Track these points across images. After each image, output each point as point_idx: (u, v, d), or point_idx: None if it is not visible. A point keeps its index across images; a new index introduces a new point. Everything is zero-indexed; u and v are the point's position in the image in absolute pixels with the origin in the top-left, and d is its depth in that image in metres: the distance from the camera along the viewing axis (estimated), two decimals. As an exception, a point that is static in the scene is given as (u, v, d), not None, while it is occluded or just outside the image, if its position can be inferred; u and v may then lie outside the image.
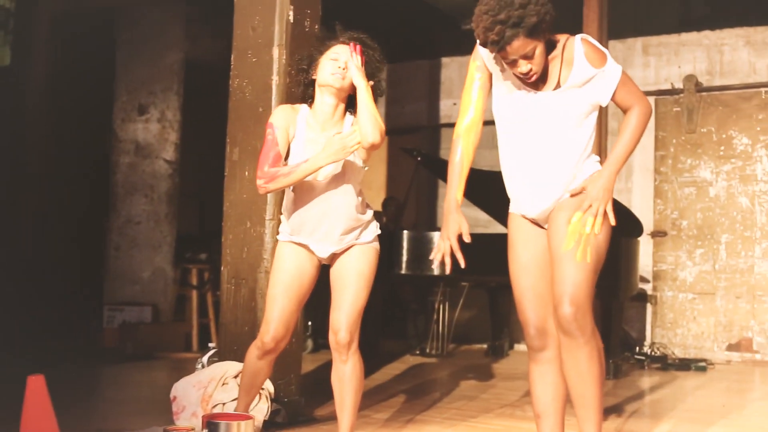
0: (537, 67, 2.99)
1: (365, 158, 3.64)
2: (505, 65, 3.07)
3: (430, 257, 3.21)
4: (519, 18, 2.85)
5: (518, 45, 2.90)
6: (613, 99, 3.09)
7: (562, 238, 3.05)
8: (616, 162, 3.07)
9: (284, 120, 3.61)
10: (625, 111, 3.12)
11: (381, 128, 3.48)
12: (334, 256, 3.69)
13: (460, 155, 3.23)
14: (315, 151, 3.51)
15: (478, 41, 3.01)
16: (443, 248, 3.15)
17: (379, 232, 3.74)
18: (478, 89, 3.21)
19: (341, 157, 3.47)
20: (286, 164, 3.55)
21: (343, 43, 3.59)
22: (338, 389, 3.67)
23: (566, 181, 3.12)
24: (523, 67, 2.97)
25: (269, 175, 3.51)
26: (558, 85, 3.07)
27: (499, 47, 2.91)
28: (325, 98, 3.61)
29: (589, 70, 3.03)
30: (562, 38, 3.09)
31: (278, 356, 3.78)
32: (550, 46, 3.05)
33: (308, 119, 3.64)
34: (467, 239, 3.13)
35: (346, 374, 3.63)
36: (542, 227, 3.23)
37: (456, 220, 3.17)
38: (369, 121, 3.45)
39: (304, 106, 3.68)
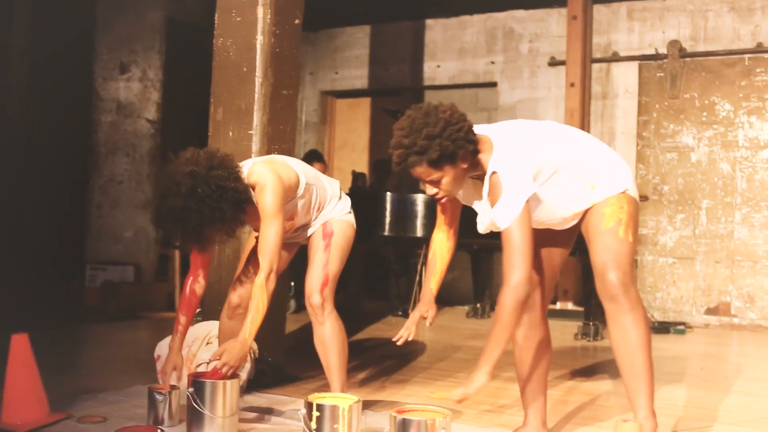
0: (445, 192, 2.92)
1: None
2: None
3: (393, 339, 3.26)
4: (422, 148, 2.79)
5: (421, 171, 2.85)
6: None
7: (600, 220, 3.03)
8: (486, 358, 2.78)
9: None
10: None
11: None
12: None
13: (434, 255, 3.30)
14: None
15: None
16: (407, 325, 3.23)
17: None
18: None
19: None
20: None
21: None
22: (322, 352, 3.73)
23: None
24: (429, 190, 2.94)
25: None
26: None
27: (399, 168, 2.87)
28: None
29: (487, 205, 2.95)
30: (488, 149, 2.92)
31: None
32: (474, 162, 2.92)
33: None
34: (428, 324, 3.25)
35: (326, 336, 3.69)
36: None
37: (425, 305, 3.25)
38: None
39: None
